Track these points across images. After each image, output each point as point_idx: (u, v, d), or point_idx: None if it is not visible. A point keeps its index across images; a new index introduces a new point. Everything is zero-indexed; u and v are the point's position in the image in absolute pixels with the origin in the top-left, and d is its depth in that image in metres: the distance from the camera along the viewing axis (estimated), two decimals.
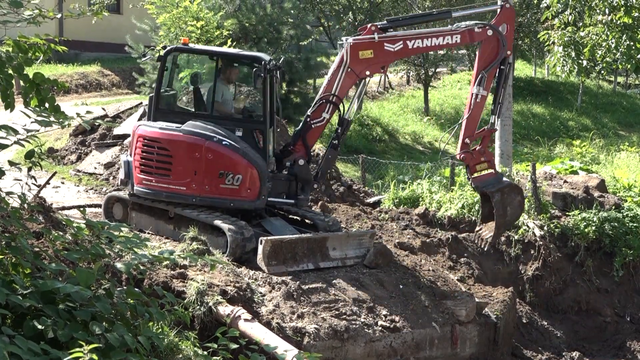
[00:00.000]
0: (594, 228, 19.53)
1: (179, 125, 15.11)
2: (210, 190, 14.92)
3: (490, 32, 15.14)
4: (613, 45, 21.47)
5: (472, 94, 15.31)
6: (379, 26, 15.30)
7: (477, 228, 16.48)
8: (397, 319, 14.17)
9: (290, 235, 15.02)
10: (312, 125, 15.54)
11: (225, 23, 26.43)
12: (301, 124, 15.86)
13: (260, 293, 13.41)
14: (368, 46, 15.16)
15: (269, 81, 15.21)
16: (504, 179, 15.93)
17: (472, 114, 15.31)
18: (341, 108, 15.61)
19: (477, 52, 15.77)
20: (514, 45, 16.54)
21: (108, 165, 21.15)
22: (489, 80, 15.30)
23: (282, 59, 16.66)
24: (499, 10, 15.57)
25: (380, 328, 13.82)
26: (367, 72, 15.43)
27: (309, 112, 15.74)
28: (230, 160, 14.83)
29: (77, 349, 6.25)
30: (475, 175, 15.45)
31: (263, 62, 14.99)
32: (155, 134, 15.17)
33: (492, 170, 15.59)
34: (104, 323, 7.07)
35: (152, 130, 15.24)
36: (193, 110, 16.10)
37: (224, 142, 14.84)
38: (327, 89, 15.42)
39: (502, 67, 15.35)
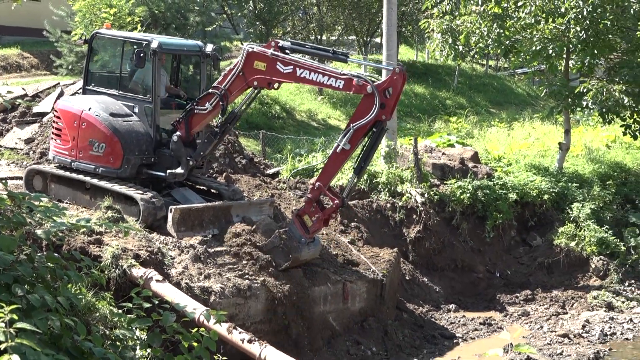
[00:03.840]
0: (468, 195, 19.94)
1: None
2: (83, 156, 15.26)
3: (369, 90, 13.47)
4: (485, 33, 21.81)
5: (337, 144, 13.92)
6: (279, 44, 14.25)
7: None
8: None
9: (198, 203, 15.00)
10: (195, 111, 15.02)
11: (137, 10, 26.00)
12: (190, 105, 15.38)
13: (171, 256, 13.34)
14: (263, 59, 14.25)
15: (155, 62, 15.10)
16: (301, 250, 14.12)
17: (328, 164, 14.03)
18: (226, 104, 14.77)
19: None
20: (398, 32, 15.85)
21: (28, 141, 20.74)
22: (354, 137, 13.65)
23: (215, 46, 16.18)
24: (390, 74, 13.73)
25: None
26: (255, 83, 14.44)
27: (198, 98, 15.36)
28: (97, 129, 15.08)
29: None
30: (297, 218, 14.20)
31: (145, 44, 15.13)
32: (57, 106, 15.84)
33: (309, 236, 14.16)
34: (26, 286, 6.94)
35: (59, 103, 15.97)
36: (109, 89, 15.98)
37: (95, 114, 15.07)
38: (220, 83, 14.78)
39: (374, 129, 13.70)
